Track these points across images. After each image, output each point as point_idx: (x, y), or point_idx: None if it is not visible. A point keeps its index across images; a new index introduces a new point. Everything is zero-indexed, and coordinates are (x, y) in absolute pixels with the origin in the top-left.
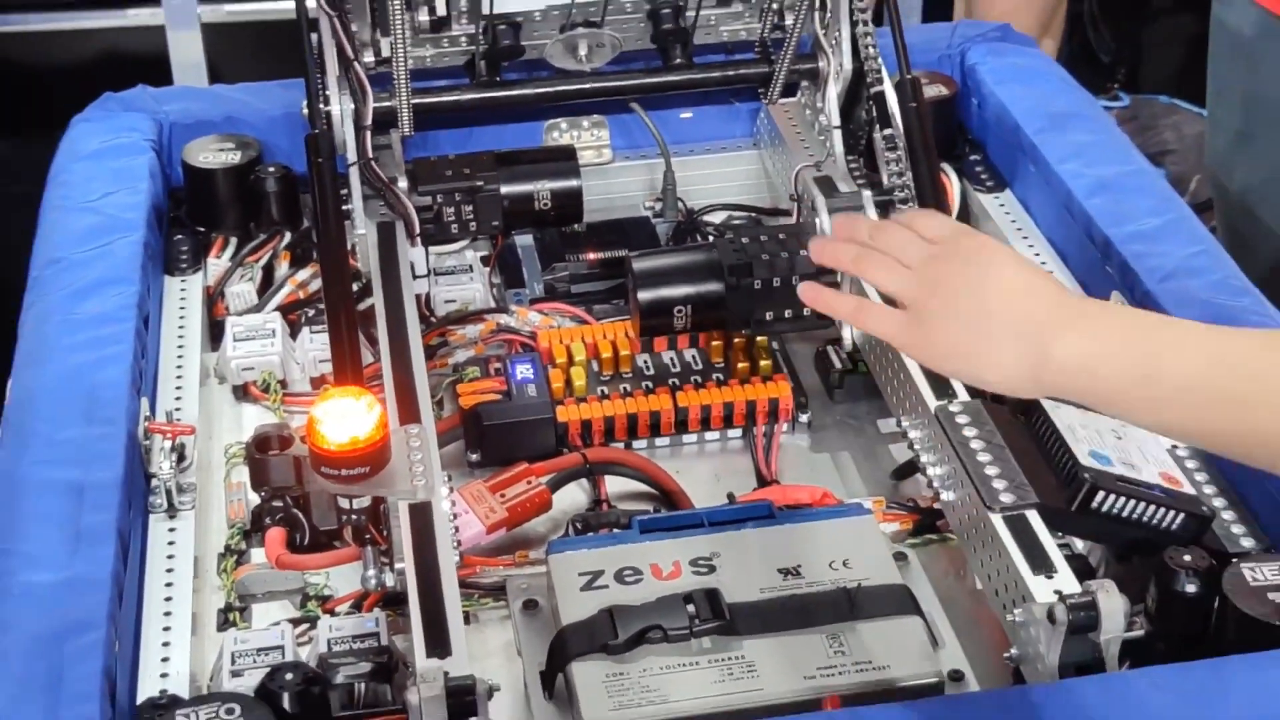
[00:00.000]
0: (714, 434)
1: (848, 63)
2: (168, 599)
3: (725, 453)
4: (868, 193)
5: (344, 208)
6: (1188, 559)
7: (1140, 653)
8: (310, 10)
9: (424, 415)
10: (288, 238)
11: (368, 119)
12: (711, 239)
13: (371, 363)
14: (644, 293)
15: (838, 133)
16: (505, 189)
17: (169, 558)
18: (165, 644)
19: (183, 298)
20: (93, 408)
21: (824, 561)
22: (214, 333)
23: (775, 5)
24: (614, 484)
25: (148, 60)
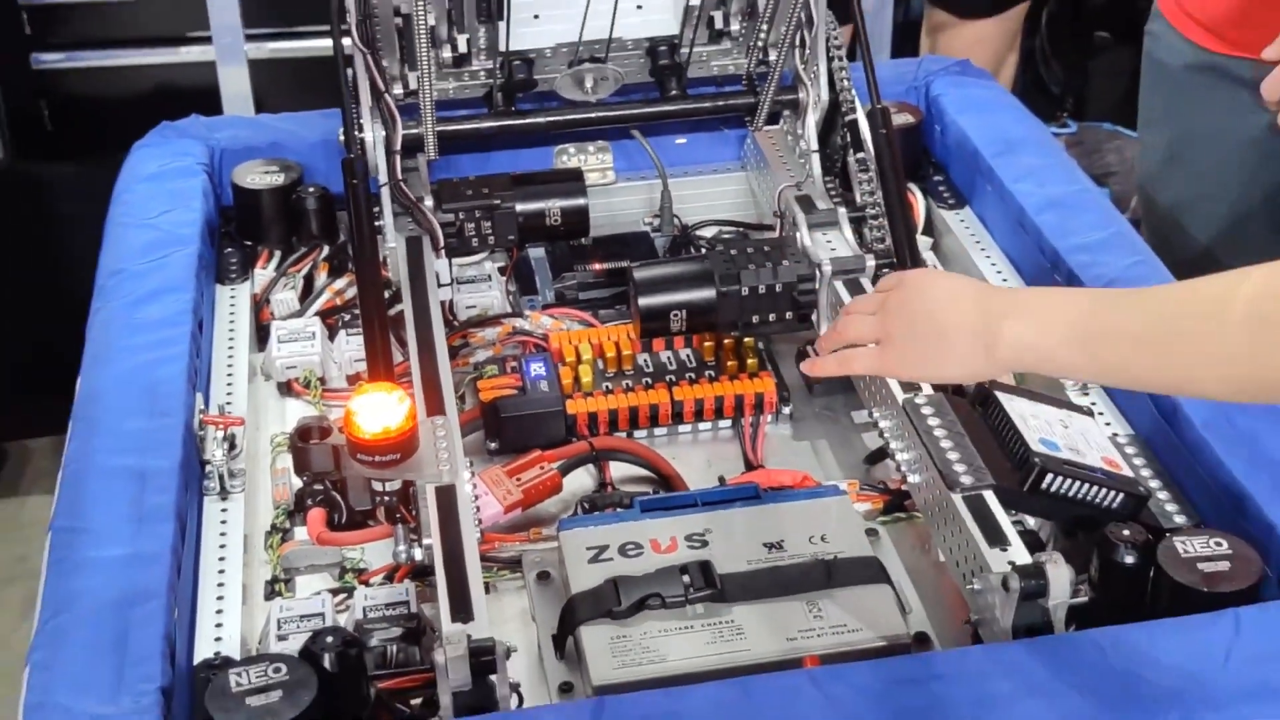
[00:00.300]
0: (706, 424)
1: (825, 94)
2: (221, 571)
3: (716, 441)
4: (842, 210)
5: (376, 224)
6: (1126, 534)
7: (1085, 616)
8: (346, 48)
9: (448, 408)
10: (326, 250)
11: (397, 145)
12: (704, 251)
13: (401, 361)
14: (644, 299)
15: (816, 156)
16: (520, 207)
17: (221, 535)
18: (219, 611)
19: (232, 304)
20: (153, 402)
21: (804, 537)
22: (260, 335)
23: (760, 43)
24: (618, 469)
25: (200, 92)
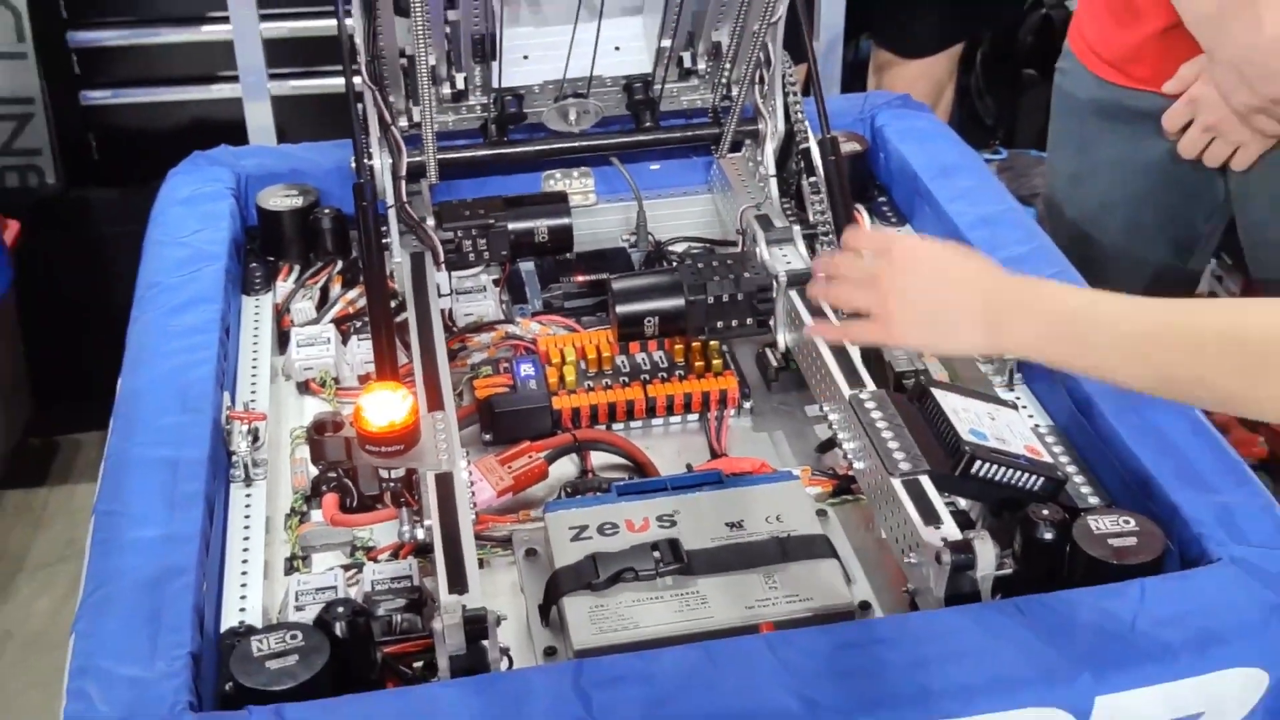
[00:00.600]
0: (676, 418)
1: (781, 125)
2: (245, 550)
3: (685, 432)
4: (797, 227)
5: (384, 241)
6: (1046, 513)
7: (1008, 586)
8: (357, 85)
9: (447, 404)
10: (340, 265)
11: (402, 171)
12: (674, 264)
13: (405, 363)
14: (621, 307)
15: (773, 180)
16: (512, 226)
17: (246, 517)
18: (243, 585)
19: (256, 312)
20: (185, 400)
21: (761, 517)
22: (281, 340)
23: (724, 80)
24: (598, 458)
25: (228, 125)
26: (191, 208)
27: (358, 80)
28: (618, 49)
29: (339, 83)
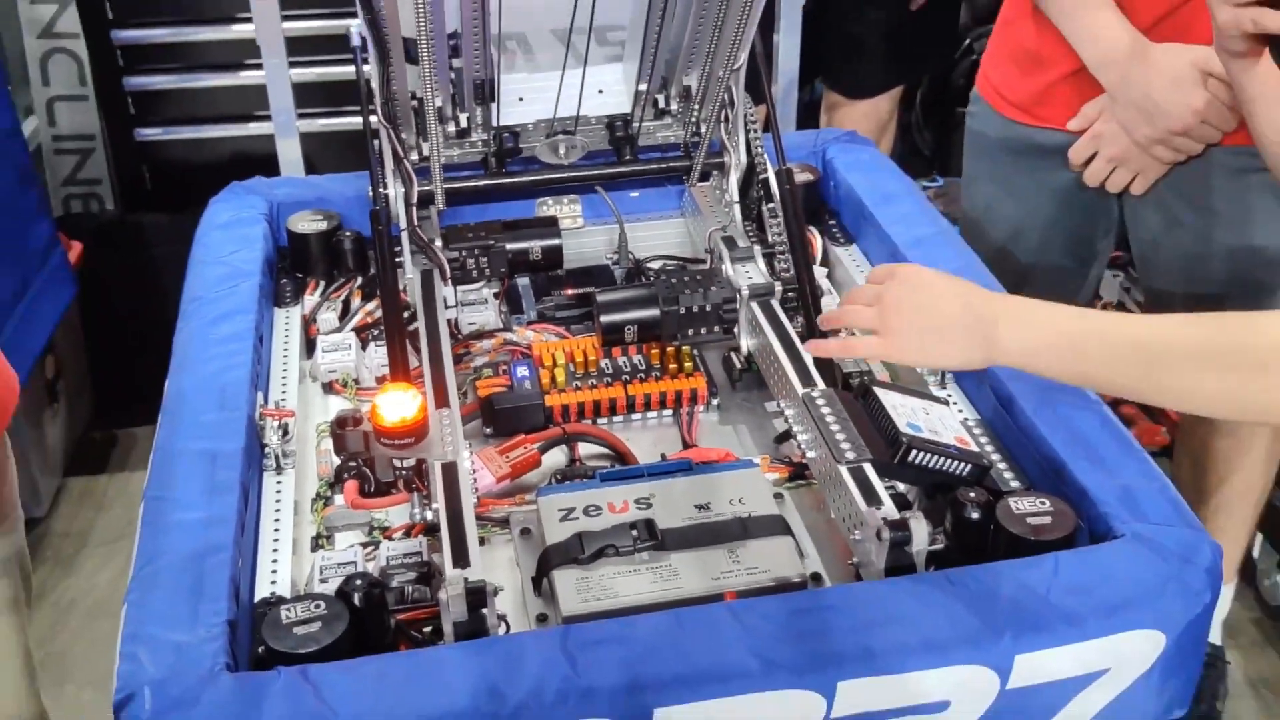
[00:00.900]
0: (653, 413)
1: (743, 158)
2: (275, 529)
3: (660, 426)
4: (757, 247)
5: (398, 260)
6: (973, 495)
7: (940, 560)
8: (373, 124)
9: (452, 402)
10: (359, 281)
11: (414, 198)
12: (651, 279)
13: (416, 366)
14: (604, 317)
15: (737, 206)
16: (509, 246)
17: (276, 501)
18: (274, 560)
19: (286, 322)
20: (223, 399)
21: (726, 500)
22: (308, 346)
23: (694, 119)
24: (584, 448)
25: (262, 158)
26: (230, 231)
27: (374, 120)
28: (601, 92)
29: (358, 122)
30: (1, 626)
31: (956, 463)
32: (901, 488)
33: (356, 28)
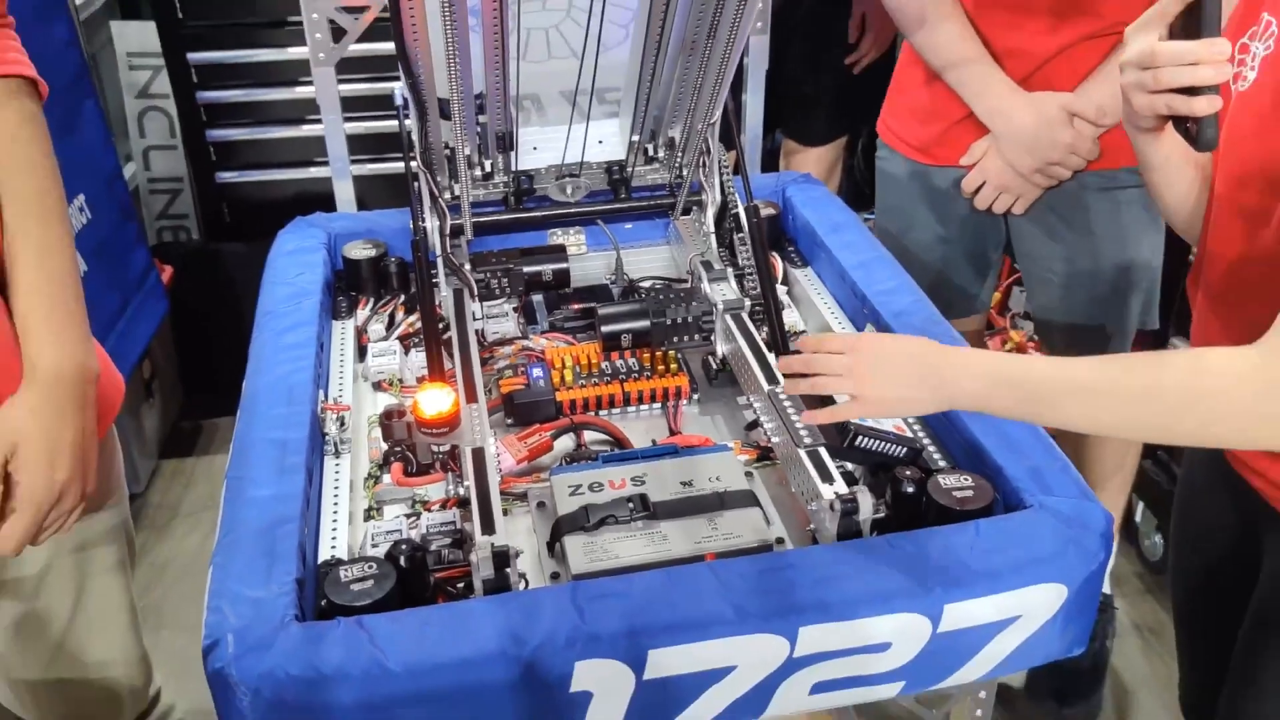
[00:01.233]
0: (645, 406)
1: (718, 196)
2: (334, 503)
3: (651, 417)
4: (730, 269)
5: (434, 281)
6: (908, 473)
7: (882, 527)
8: (414, 169)
9: (479, 398)
10: (402, 298)
11: (447, 230)
12: (643, 296)
13: (450, 368)
14: (605, 327)
15: (713, 236)
16: (526, 269)
17: (335, 480)
18: (333, 529)
19: (342, 333)
20: (291, 396)
21: (705, 477)
22: (360, 353)
23: (677, 164)
24: (589, 435)
25: (321, 197)
26: (295, 258)
27: (414, 165)
28: (601, 142)
29: (401, 167)
30: (112, 582)
31: (895, 446)
32: (850, 467)
33: (400, 89)
